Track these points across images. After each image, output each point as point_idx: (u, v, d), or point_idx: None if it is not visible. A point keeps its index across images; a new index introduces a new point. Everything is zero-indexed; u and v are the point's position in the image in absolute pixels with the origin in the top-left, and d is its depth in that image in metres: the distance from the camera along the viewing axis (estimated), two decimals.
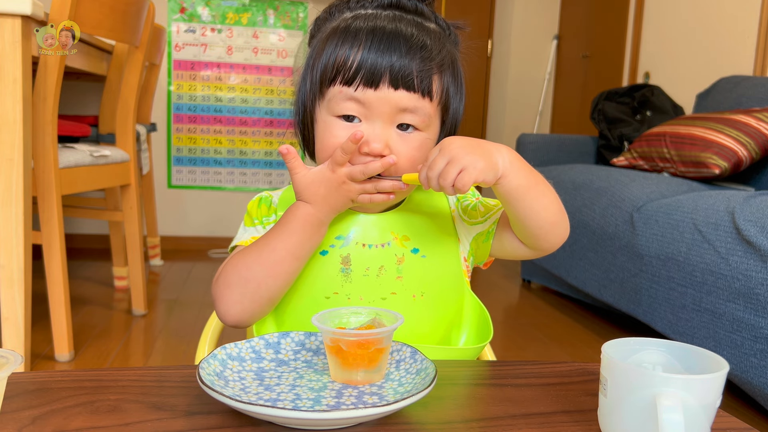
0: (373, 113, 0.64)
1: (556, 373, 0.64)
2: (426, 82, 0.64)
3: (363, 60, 0.63)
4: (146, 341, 1.91)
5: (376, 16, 0.66)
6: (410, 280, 0.70)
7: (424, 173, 0.61)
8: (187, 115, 3.11)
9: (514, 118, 4.74)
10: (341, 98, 0.64)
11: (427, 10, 0.69)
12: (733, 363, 1.47)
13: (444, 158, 0.59)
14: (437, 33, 0.68)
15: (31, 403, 0.52)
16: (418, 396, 0.49)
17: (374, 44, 0.63)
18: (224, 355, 0.58)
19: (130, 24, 1.91)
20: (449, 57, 0.68)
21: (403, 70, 0.63)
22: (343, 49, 0.64)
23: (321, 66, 0.66)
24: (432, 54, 0.65)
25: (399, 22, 0.65)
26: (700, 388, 0.45)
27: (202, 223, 3.20)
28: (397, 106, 0.64)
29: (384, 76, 0.63)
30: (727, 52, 2.86)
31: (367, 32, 0.64)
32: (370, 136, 0.64)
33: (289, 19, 3.14)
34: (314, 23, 0.73)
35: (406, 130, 0.66)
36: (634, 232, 1.86)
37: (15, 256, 1.49)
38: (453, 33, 0.72)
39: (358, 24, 0.65)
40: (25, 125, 1.48)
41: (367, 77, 0.63)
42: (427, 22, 0.68)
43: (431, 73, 0.65)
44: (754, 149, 2.04)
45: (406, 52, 0.63)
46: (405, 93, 0.64)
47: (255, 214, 0.75)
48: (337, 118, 0.66)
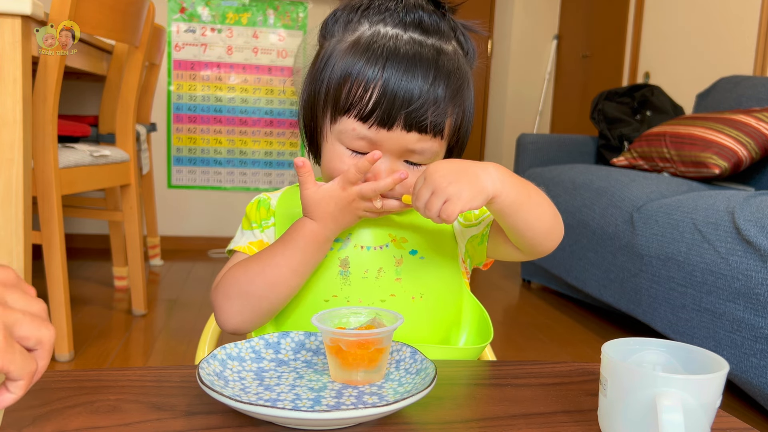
0: (384, 149, 0.65)
1: (556, 373, 0.64)
2: (439, 125, 0.64)
3: (379, 100, 0.62)
4: (146, 341, 1.91)
5: (395, 45, 0.63)
6: (409, 282, 0.71)
7: (411, 198, 0.62)
8: (187, 115, 3.11)
9: (514, 118, 4.74)
10: (354, 135, 0.64)
11: (448, 27, 0.67)
12: (733, 363, 1.47)
13: (428, 189, 0.59)
14: (455, 59, 0.66)
15: (31, 403, 0.52)
16: (418, 396, 0.49)
17: (392, 85, 0.62)
18: (224, 355, 0.58)
19: (130, 24, 1.91)
20: (466, 87, 0.67)
21: (418, 116, 0.63)
22: (360, 82, 0.63)
23: (335, 87, 0.65)
24: (447, 97, 0.64)
25: (419, 57, 0.63)
26: (700, 388, 0.45)
27: (202, 223, 3.20)
28: (406, 148, 0.65)
29: (399, 119, 0.63)
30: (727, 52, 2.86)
31: (387, 69, 0.62)
32: (378, 169, 0.65)
33: (289, 19, 3.14)
34: (327, 21, 0.70)
35: (412, 165, 0.67)
36: (634, 232, 1.86)
37: (15, 256, 1.49)
38: (471, 48, 0.70)
39: (377, 54, 0.63)
40: (25, 125, 1.48)
41: (382, 119, 0.63)
42: (446, 44, 0.66)
43: (445, 116, 0.64)
44: (754, 149, 2.04)
45: (423, 98, 0.62)
46: (416, 135, 0.64)
47: (253, 217, 0.75)
48: (348, 150, 0.66)
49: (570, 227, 2.23)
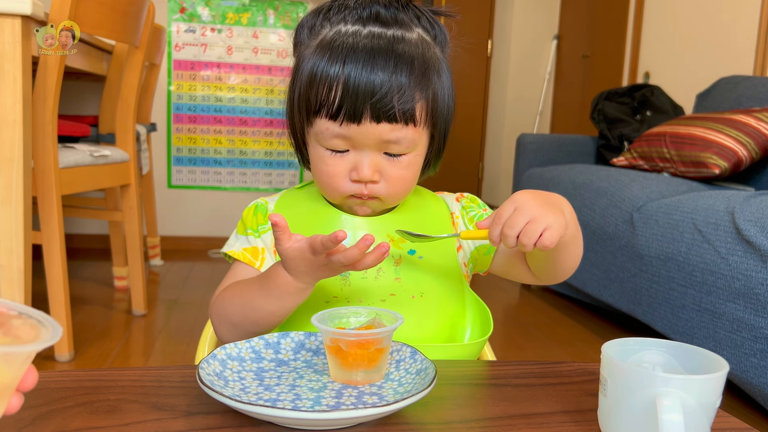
0: (360, 144, 0.66)
1: (556, 373, 0.64)
2: (408, 112, 0.64)
3: (344, 96, 0.63)
4: (146, 341, 1.91)
5: (355, 40, 0.64)
6: (408, 281, 0.71)
7: (498, 230, 0.61)
8: (187, 115, 3.11)
9: (514, 118, 4.74)
10: (329, 135, 0.65)
11: (407, 17, 0.68)
12: (733, 363, 1.47)
13: (524, 216, 0.60)
14: (419, 46, 0.66)
15: (31, 403, 0.52)
16: (418, 396, 0.49)
17: (353, 79, 0.63)
18: (224, 355, 0.58)
19: (130, 24, 1.91)
20: (433, 71, 0.67)
21: (384, 105, 0.63)
22: (324, 81, 0.64)
23: (304, 91, 0.66)
24: (412, 83, 0.64)
25: (377, 51, 0.64)
26: (700, 388, 0.45)
27: (202, 223, 3.20)
28: (380, 139, 0.65)
29: (365, 112, 0.63)
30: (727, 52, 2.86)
31: (347, 65, 0.63)
32: (360, 164, 0.66)
33: (289, 19, 3.14)
34: (297, 30, 0.71)
35: (393, 155, 0.67)
36: (634, 232, 1.86)
37: (15, 256, 1.49)
38: (440, 33, 0.70)
39: (337, 52, 0.64)
40: (25, 125, 1.48)
41: (349, 113, 0.63)
42: (408, 33, 0.66)
43: (413, 102, 0.64)
44: (754, 149, 2.04)
45: (386, 87, 0.63)
46: (387, 125, 0.64)
47: (249, 222, 0.75)
48: (328, 150, 0.67)
49: None
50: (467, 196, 0.82)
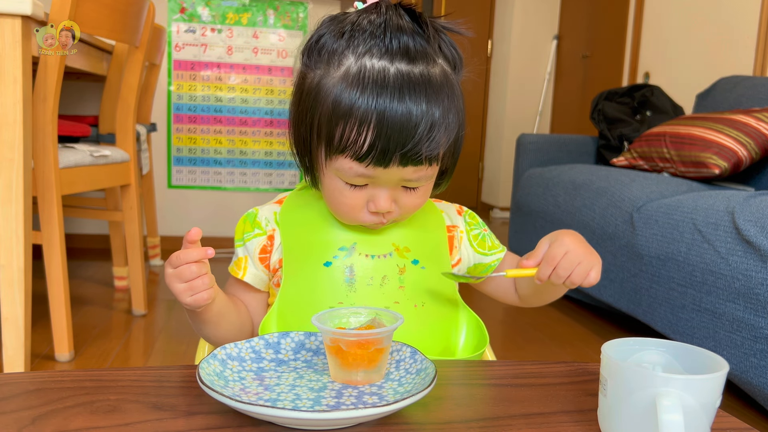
0: (381, 182, 0.66)
1: (556, 373, 0.64)
2: (434, 156, 0.65)
3: (373, 143, 0.62)
4: (146, 341, 1.91)
5: (384, 81, 0.62)
6: (412, 290, 0.72)
7: (548, 271, 0.66)
8: (187, 115, 3.11)
9: (514, 118, 4.74)
10: (351, 173, 0.65)
11: (433, 47, 0.65)
12: (733, 363, 1.47)
13: (574, 261, 0.66)
14: (443, 81, 0.65)
15: (31, 403, 0.52)
16: (418, 396, 0.49)
17: (385, 127, 0.61)
18: (224, 355, 0.58)
19: (130, 24, 1.91)
20: (455, 108, 0.66)
21: (414, 154, 0.63)
22: (352, 124, 0.62)
23: (327, 128, 0.64)
24: (440, 131, 0.63)
25: (407, 91, 0.62)
26: (700, 388, 0.45)
27: (202, 223, 3.20)
28: (402, 178, 0.66)
29: (394, 158, 0.63)
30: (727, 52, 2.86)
31: (377, 109, 0.61)
32: (377, 197, 0.67)
33: (289, 19, 3.14)
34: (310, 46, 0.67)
35: (410, 187, 0.68)
36: (634, 232, 1.86)
37: (15, 256, 1.49)
38: (458, 58, 0.69)
39: (367, 93, 0.61)
40: (25, 125, 1.48)
41: (378, 159, 0.63)
42: (432, 68, 0.64)
43: (438, 148, 0.64)
44: (754, 149, 2.04)
45: (417, 138, 0.62)
46: (413, 167, 0.65)
47: (238, 235, 0.77)
48: (347, 184, 0.67)
49: (570, 227, 2.23)
50: (467, 211, 0.83)
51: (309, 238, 0.73)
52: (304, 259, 0.72)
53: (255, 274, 0.76)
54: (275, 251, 0.75)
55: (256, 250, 0.75)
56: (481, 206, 5.06)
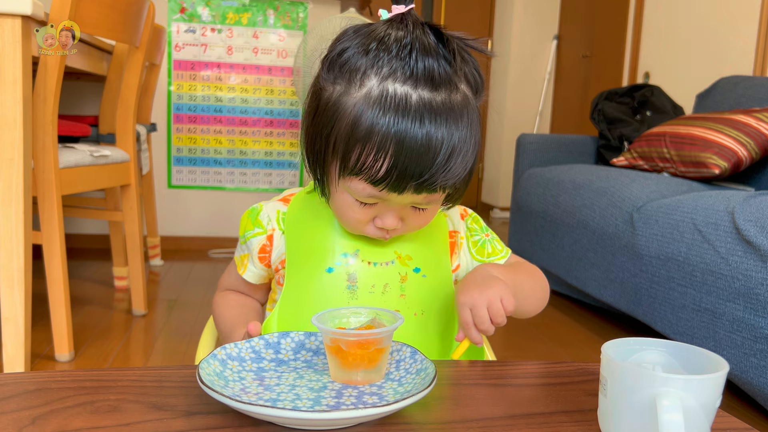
0: (393, 203, 0.66)
1: (556, 373, 0.64)
2: (448, 186, 0.64)
3: (390, 170, 0.61)
4: (146, 341, 1.91)
5: (405, 108, 0.60)
6: (412, 299, 0.72)
7: (476, 332, 0.66)
8: (187, 115, 3.11)
9: (514, 118, 4.74)
10: (364, 194, 0.64)
11: (455, 71, 0.63)
12: (733, 363, 1.47)
13: (482, 308, 0.65)
14: (465, 108, 0.63)
15: (31, 403, 0.52)
16: (418, 396, 0.49)
17: (402, 156, 0.60)
18: (224, 355, 0.58)
19: (130, 24, 1.91)
20: (474, 139, 0.65)
21: (429, 185, 0.62)
22: (370, 149, 0.61)
23: (343, 148, 0.63)
24: (458, 159, 0.62)
25: (428, 119, 0.60)
26: (700, 388, 0.45)
27: (202, 223, 3.20)
28: (414, 202, 0.66)
29: (410, 186, 0.62)
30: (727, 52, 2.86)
31: (396, 136, 0.60)
32: (385, 216, 0.67)
33: (289, 19, 3.14)
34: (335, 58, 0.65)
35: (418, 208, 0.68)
36: (634, 232, 1.86)
37: (15, 256, 1.49)
38: (480, 81, 0.67)
39: (387, 119, 0.60)
40: (25, 125, 1.48)
41: (392, 185, 0.62)
42: (455, 94, 0.62)
43: (455, 179, 0.64)
44: (754, 149, 2.04)
45: (434, 168, 0.61)
46: (426, 195, 0.64)
47: (242, 230, 0.77)
48: (357, 201, 0.66)
49: (570, 227, 2.23)
50: (471, 214, 0.82)
51: (312, 242, 0.73)
52: (306, 264, 0.72)
53: (255, 272, 0.77)
54: (274, 250, 0.75)
55: (256, 249, 0.76)
56: (481, 206, 5.06)
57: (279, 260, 0.75)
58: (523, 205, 2.60)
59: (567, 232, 2.25)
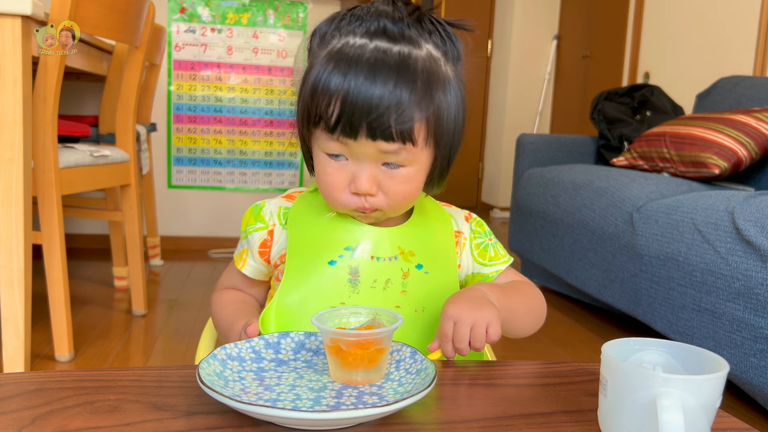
0: (357, 156, 0.65)
1: (556, 373, 0.64)
2: (406, 132, 0.63)
3: (341, 111, 0.62)
4: (146, 341, 1.91)
5: (360, 54, 0.63)
6: (413, 295, 0.72)
7: (450, 346, 0.64)
8: (187, 115, 3.11)
9: (514, 118, 4.74)
10: (327, 139, 0.65)
11: (417, 32, 0.65)
12: (733, 363, 1.47)
13: (466, 326, 0.63)
14: (425, 63, 0.65)
15: (31, 403, 0.52)
16: (418, 396, 0.49)
17: (352, 94, 0.62)
18: (224, 355, 0.58)
19: (130, 24, 1.91)
20: (438, 88, 0.65)
21: (380, 124, 0.62)
22: (324, 95, 0.63)
23: (307, 101, 0.66)
24: (412, 101, 0.63)
25: (380, 64, 0.63)
26: (700, 388, 0.45)
27: (202, 223, 3.20)
28: (379, 151, 0.64)
29: (361, 129, 0.62)
30: (727, 52, 2.86)
31: (347, 79, 0.62)
32: (358, 177, 0.66)
33: (289, 19, 3.14)
34: (310, 37, 0.70)
35: (391, 166, 0.66)
36: (634, 232, 1.86)
37: (15, 256, 1.49)
38: (453, 49, 0.69)
39: (340, 65, 0.63)
40: (25, 125, 1.48)
41: (345, 129, 0.63)
42: (416, 50, 0.64)
43: (411, 122, 0.63)
44: (753, 149, 2.04)
45: (384, 105, 0.62)
46: (384, 143, 0.63)
47: (243, 225, 0.77)
48: (328, 156, 0.67)
49: (570, 227, 2.23)
50: (475, 218, 0.82)
51: (316, 235, 0.73)
52: (308, 256, 0.72)
53: (254, 266, 0.77)
54: (275, 245, 0.75)
55: (257, 243, 0.75)
56: (481, 206, 5.06)
57: (278, 256, 0.75)
58: (523, 205, 2.60)
59: (567, 232, 2.25)
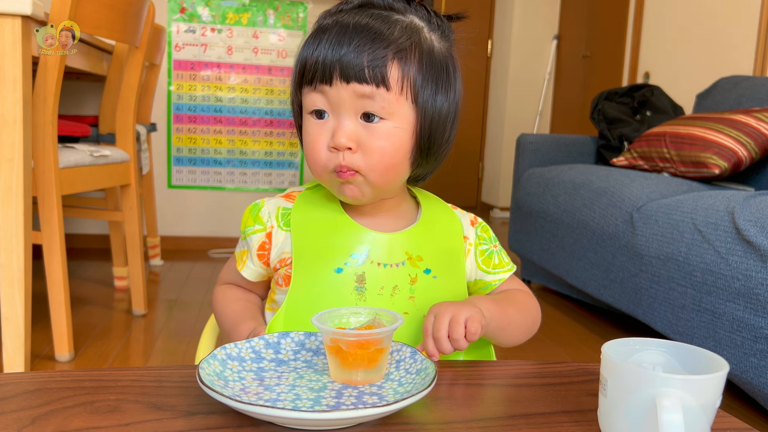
0: (337, 107, 0.66)
1: (556, 373, 0.64)
2: (378, 72, 0.64)
3: (317, 57, 0.65)
4: (146, 341, 1.91)
5: (344, 20, 0.66)
6: (422, 301, 0.71)
7: (431, 341, 0.64)
8: (187, 115, 3.11)
9: (514, 118, 4.74)
10: (308, 93, 0.67)
11: (401, 5, 0.68)
12: (733, 363, 1.47)
13: (445, 318, 0.63)
14: (407, 24, 0.67)
15: (31, 403, 0.52)
16: (418, 396, 0.49)
17: (328, 40, 0.64)
18: (224, 356, 0.58)
19: (130, 24, 1.91)
20: (417, 45, 0.66)
21: (352, 63, 0.63)
22: (307, 51, 0.66)
23: (296, 73, 0.68)
24: (385, 42, 0.64)
25: (360, 16, 0.66)
26: (700, 388, 0.45)
27: (202, 223, 3.20)
28: (354, 94, 0.64)
29: (334, 71, 0.64)
30: (727, 52, 2.86)
31: (327, 30, 0.65)
32: (336, 130, 0.66)
33: (289, 19, 3.14)
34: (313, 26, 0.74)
35: (371, 120, 0.65)
36: (634, 232, 1.86)
37: (15, 256, 1.49)
38: (442, 25, 0.70)
39: (324, 24, 0.67)
40: (25, 125, 1.48)
41: (320, 74, 0.65)
42: (397, 15, 0.67)
43: (384, 61, 0.64)
44: (753, 149, 2.04)
45: (356, 45, 0.63)
46: (357, 85, 0.64)
47: (243, 226, 0.77)
48: (311, 115, 0.68)
49: (570, 227, 2.23)
50: (481, 223, 0.81)
51: (321, 241, 0.72)
52: (314, 264, 0.71)
53: (253, 269, 0.76)
54: (273, 248, 0.74)
55: (255, 246, 0.74)
56: (481, 206, 5.06)
57: (278, 259, 0.73)
58: (523, 205, 2.60)
59: (567, 232, 2.25)
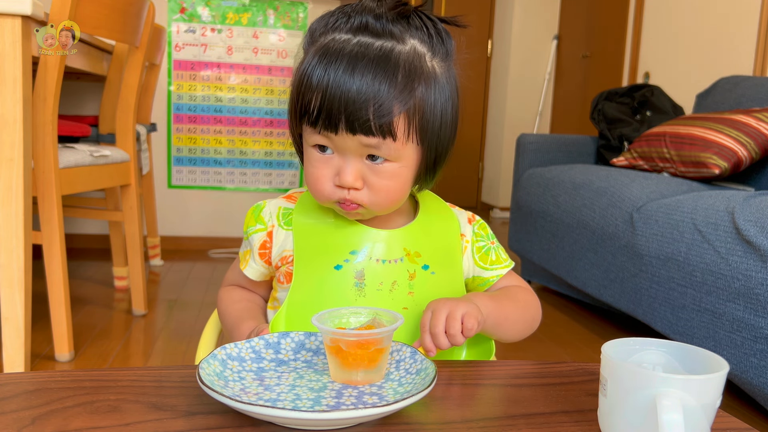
0: (342, 150, 0.66)
1: (556, 373, 0.64)
2: (385, 125, 0.63)
3: (321, 105, 0.63)
4: (146, 341, 1.91)
5: (342, 49, 0.63)
6: (421, 296, 0.72)
7: (428, 337, 0.64)
8: (187, 115, 3.11)
9: (514, 118, 4.74)
10: (311, 132, 0.66)
11: (402, 27, 0.66)
12: (733, 363, 1.47)
13: (442, 314, 0.64)
14: (408, 57, 0.65)
15: (31, 403, 0.52)
16: (418, 396, 0.49)
17: (331, 88, 0.63)
18: (224, 355, 0.58)
19: (130, 24, 1.91)
20: (420, 82, 0.65)
21: (358, 118, 0.62)
22: (307, 89, 0.64)
23: (294, 96, 0.67)
24: (391, 94, 0.63)
25: (360, 57, 0.63)
26: (700, 388, 0.45)
27: (202, 223, 3.20)
28: (361, 144, 0.65)
29: (341, 123, 0.63)
30: (727, 52, 2.86)
31: (328, 72, 0.63)
32: (343, 169, 0.66)
33: (289, 19, 3.14)
34: (306, 35, 0.71)
35: (376, 161, 0.66)
36: (634, 232, 1.86)
37: (15, 256, 1.49)
38: (441, 45, 0.68)
39: (323, 60, 0.64)
40: (25, 125, 1.48)
41: (325, 123, 0.64)
42: (399, 45, 0.65)
43: (390, 116, 0.63)
44: (754, 149, 2.04)
45: (362, 100, 0.62)
46: (363, 137, 0.64)
47: (245, 226, 0.78)
48: (314, 148, 0.67)
49: (570, 227, 2.23)
50: (478, 220, 0.81)
51: (320, 240, 0.73)
52: (314, 262, 0.72)
53: (255, 268, 0.77)
54: (275, 247, 0.75)
55: (257, 245, 0.75)
56: (481, 206, 5.06)
57: (279, 257, 0.74)
58: (523, 205, 2.60)
59: (567, 232, 2.25)
